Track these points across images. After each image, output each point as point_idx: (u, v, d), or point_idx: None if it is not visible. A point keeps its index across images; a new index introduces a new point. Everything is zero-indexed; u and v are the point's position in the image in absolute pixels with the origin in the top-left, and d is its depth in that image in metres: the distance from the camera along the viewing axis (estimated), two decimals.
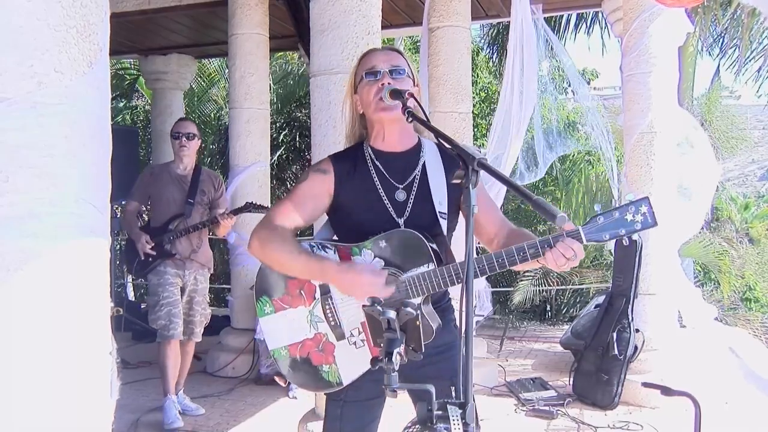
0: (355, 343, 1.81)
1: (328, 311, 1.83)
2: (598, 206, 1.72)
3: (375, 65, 1.87)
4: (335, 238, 1.95)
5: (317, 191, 1.89)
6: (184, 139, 4.27)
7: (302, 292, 1.85)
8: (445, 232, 1.86)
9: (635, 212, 1.66)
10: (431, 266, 1.73)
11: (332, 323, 1.83)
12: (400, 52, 1.94)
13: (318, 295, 1.84)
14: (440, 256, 1.76)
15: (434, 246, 1.77)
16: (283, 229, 1.84)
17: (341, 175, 1.89)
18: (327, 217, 2.00)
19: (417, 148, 1.93)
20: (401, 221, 1.83)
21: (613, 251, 5.04)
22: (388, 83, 1.83)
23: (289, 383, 1.99)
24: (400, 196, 1.86)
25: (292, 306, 1.87)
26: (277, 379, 1.69)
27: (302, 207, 1.88)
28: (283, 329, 1.89)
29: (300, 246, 1.82)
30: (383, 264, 1.77)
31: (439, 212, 1.84)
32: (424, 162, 1.90)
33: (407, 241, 1.76)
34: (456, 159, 1.90)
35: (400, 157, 1.91)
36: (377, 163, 1.89)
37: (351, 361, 1.82)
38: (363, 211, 1.85)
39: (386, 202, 1.85)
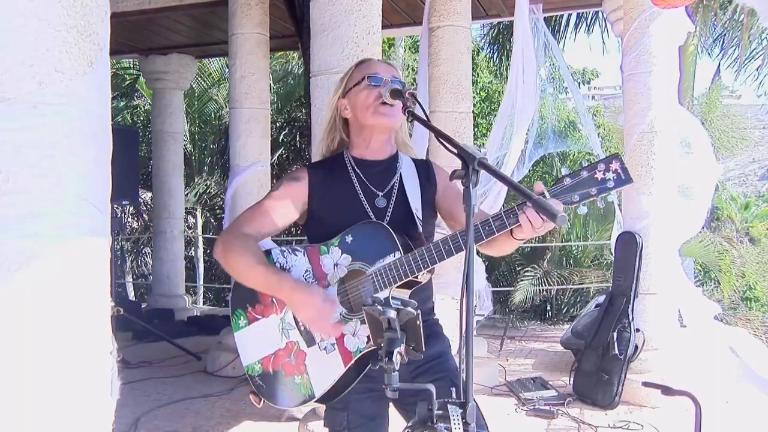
0: (325, 348, 1.75)
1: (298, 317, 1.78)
2: (566, 169, 1.65)
3: (377, 72, 1.86)
4: None
5: (287, 198, 1.85)
6: None
7: (274, 299, 1.80)
8: (420, 231, 1.84)
9: (605, 170, 1.59)
10: (398, 255, 1.69)
11: (302, 328, 1.77)
12: (394, 65, 1.97)
13: None
14: (409, 247, 1.73)
15: (404, 235, 1.74)
16: (248, 237, 1.80)
17: (316, 182, 1.86)
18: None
19: (395, 158, 1.94)
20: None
21: (613, 251, 5.04)
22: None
23: (260, 397, 1.87)
24: (380, 203, 1.85)
25: (264, 315, 1.82)
26: (251, 398, 1.62)
27: (270, 214, 1.84)
28: (256, 342, 1.82)
29: (261, 257, 1.77)
30: (351, 259, 1.75)
31: (417, 216, 1.84)
32: (401, 173, 1.90)
33: (371, 232, 1.75)
34: (430, 170, 1.96)
35: (379, 165, 1.90)
36: (357, 171, 1.88)
37: (322, 369, 1.76)
38: (342, 216, 1.81)
39: (367, 208, 1.83)
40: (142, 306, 8.19)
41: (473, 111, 6.00)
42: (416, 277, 1.71)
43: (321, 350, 1.76)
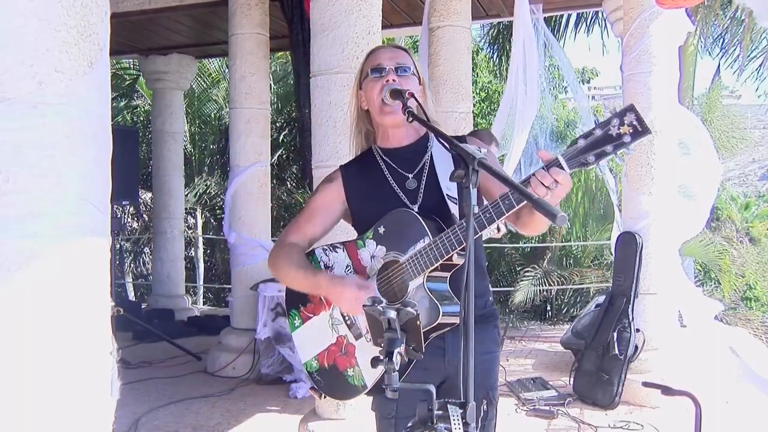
0: (371, 339, 1.77)
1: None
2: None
3: (380, 62, 1.87)
4: None
5: (327, 200, 1.93)
6: None
7: (322, 297, 1.86)
8: (457, 216, 1.81)
9: (620, 124, 1.49)
10: (427, 240, 1.70)
11: (349, 322, 1.82)
12: (406, 51, 1.95)
13: None
14: (442, 230, 1.72)
15: (434, 219, 1.75)
16: (292, 245, 1.89)
17: (349, 178, 1.92)
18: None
19: (424, 139, 1.93)
20: (415, 207, 1.82)
21: (613, 251, 5.04)
22: (393, 80, 1.82)
23: (320, 393, 1.94)
24: (411, 184, 1.86)
25: (315, 313, 1.89)
26: (312, 393, 1.71)
27: (314, 219, 1.93)
28: (310, 339, 1.89)
29: (300, 262, 1.85)
30: (385, 251, 1.78)
31: (448, 196, 1.83)
32: (432, 151, 1.90)
33: (399, 220, 1.76)
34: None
35: (407, 149, 1.91)
36: (386, 159, 1.90)
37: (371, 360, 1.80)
38: (377, 205, 1.84)
39: (399, 192, 1.85)
40: (142, 306, 8.19)
41: (473, 111, 6.00)
42: (450, 260, 1.70)
43: (368, 341, 1.78)
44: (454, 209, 1.81)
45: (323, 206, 1.94)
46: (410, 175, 1.87)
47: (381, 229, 1.79)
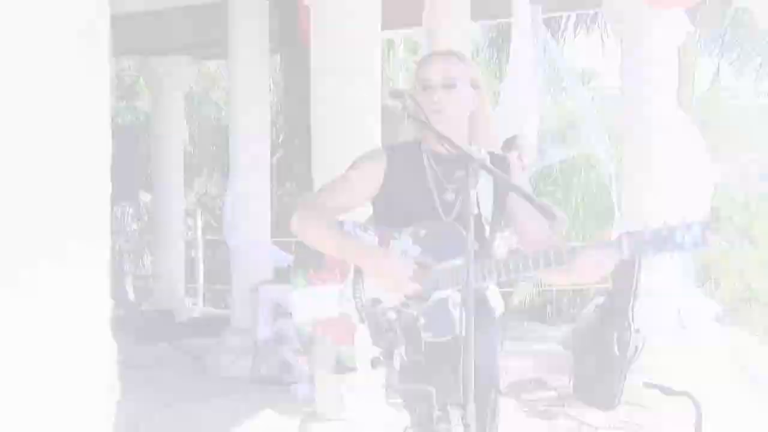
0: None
1: (357, 291, 1.82)
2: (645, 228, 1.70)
3: (429, 78, 1.86)
4: None
5: (364, 177, 1.91)
6: None
7: (338, 270, 1.91)
8: (487, 236, 1.86)
9: (683, 235, 1.69)
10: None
11: (359, 304, 1.81)
12: (459, 57, 1.93)
13: (352, 274, 1.84)
14: (478, 254, 1.74)
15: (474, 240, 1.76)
16: (324, 208, 1.87)
17: (393, 165, 1.90)
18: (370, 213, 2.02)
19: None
20: (449, 220, 1.84)
21: None
22: (437, 100, 1.82)
23: (305, 356, 1.97)
24: (449, 197, 1.87)
25: (324, 282, 1.91)
26: (298, 359, 1.76)
27: (347, 192, 1.91)
28: (312, 305, 1.91)
29: (338, 223, 1.84)
30: (420, 251, 1.78)
31: (484, 217, 1.84)
32: None
33: (447, 233, 1.78)
34: (505, 165, 1.93)
35: (454, 161, 1.88)
36: (432, 162, 1.90)
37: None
38: (412, 205, 1.85)
39: (436, 200, 1.86)
40: (142, 307, 8.18)
41: None
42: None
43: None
44: (487, 230, 1.85)
45: (359, 182, 1.91)
46: (450, 188, 1.88)
47: (422, 232, 1.79)
